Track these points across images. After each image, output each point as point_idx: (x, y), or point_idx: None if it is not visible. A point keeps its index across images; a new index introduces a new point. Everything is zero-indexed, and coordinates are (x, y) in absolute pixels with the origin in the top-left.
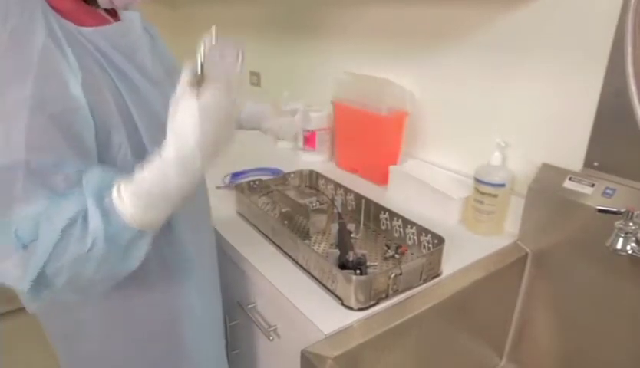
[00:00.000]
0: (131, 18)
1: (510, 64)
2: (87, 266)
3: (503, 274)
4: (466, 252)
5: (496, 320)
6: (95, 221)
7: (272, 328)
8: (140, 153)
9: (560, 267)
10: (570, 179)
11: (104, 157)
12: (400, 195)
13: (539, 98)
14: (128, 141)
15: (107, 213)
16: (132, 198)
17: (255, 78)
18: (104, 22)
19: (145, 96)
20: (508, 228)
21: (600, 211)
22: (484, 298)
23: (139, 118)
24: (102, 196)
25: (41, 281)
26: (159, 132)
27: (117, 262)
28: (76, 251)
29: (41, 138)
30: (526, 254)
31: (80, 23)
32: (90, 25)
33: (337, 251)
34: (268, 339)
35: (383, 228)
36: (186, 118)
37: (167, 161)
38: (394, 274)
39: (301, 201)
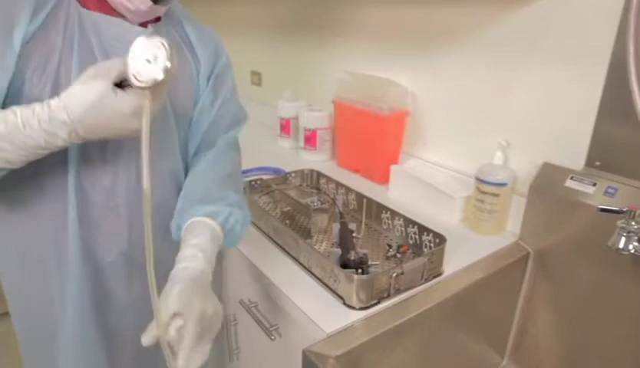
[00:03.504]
0: (128, 29)
1: (512, 64)
2: None
3: (504, 274)
4: (468, 252)
5: (498, 319)
6: None
7: (273, 327)
8: None
9: (562, 266)
10: (572, 178)
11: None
12: (401, 195)
13: (540, 97)
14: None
15: None
16: None
17: (257, 78)
18: (107, 12)
19: None
20: (509, 228)
21: (602, 210)
22: (486, 298)
23: None
24: None
25: None
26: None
27: None
28: None
29: None
30: (528, 254)
31: (84, 3)
32: (92, 9)
33: (338, 251)
34: (270, 338)
35: (384, 227)
36: (88, 97)
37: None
38: (395, 274)
39: (303, 200)
